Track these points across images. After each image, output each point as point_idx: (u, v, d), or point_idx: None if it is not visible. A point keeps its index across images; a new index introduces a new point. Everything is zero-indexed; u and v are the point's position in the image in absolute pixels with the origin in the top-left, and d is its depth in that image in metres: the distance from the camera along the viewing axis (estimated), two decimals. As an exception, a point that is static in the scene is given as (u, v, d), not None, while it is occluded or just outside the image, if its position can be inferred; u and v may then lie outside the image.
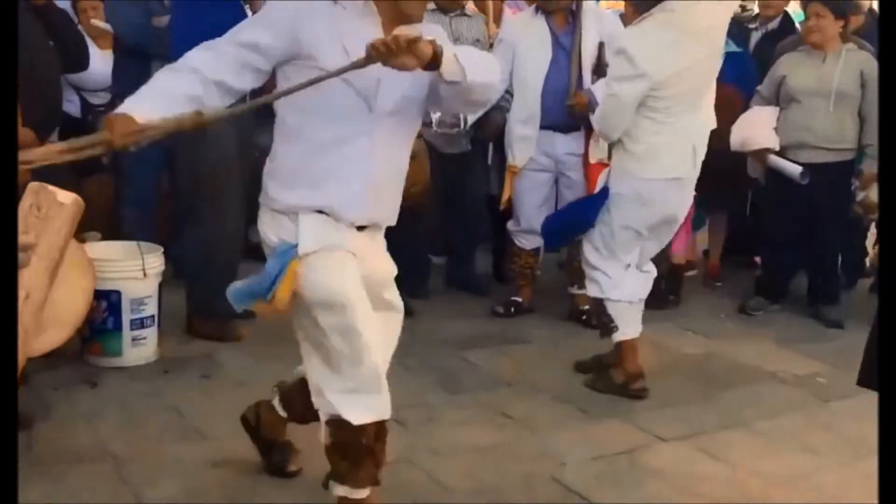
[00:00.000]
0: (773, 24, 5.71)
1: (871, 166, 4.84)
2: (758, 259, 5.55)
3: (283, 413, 2.96)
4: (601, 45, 4.55)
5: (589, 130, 4.55)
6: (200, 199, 4.23)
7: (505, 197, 4.71)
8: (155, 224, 4.76)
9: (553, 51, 4.54)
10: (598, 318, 3.99)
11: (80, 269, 3.54)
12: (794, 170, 4.76)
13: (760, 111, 4.97)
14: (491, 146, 5.10)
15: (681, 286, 5.15)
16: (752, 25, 5.92)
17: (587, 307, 4.73)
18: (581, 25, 4.53)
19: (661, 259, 4.37)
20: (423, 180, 4.09)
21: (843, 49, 4.82)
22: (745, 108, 5.02)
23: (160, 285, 4.10)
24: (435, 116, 4.55)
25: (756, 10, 6.29)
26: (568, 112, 4.52)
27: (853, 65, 4.79)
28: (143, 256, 3.98)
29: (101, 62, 4.91)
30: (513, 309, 4.83)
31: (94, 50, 4.97)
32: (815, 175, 4.73)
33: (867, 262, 5.85)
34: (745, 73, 5.18)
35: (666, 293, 4.98)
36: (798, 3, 5.75)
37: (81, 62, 4.36)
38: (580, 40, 4.53)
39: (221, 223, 4.24)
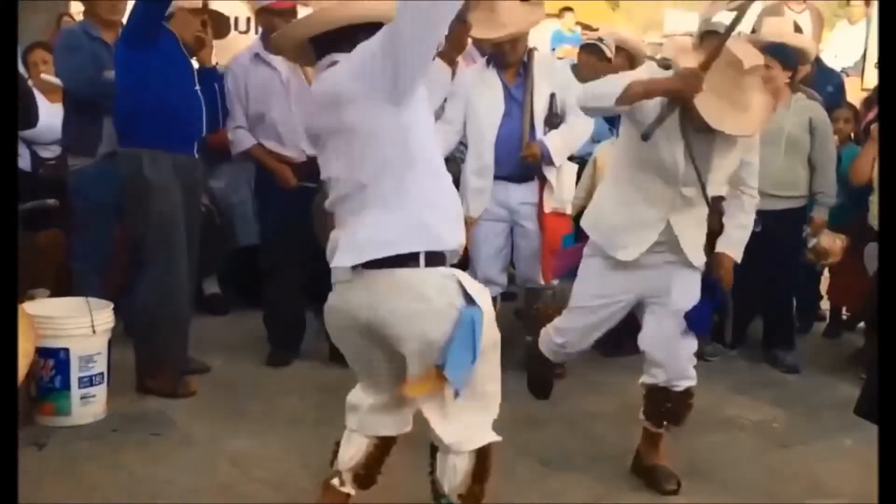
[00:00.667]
0: None
1: (821, 213, 4.95)
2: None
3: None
4: (552, 96, 4.59)
5: (542, 180, 4.58)
6: (149, 252, 4.18)
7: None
8: (105, 279, 4.69)
9: (505, 103, 4.57)
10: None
11: (20, 332, 3.49)
12: None
13: (713, 160, 5.03)
14: None
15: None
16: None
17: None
18: (533, 77, 4.57)
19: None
20: None
21: (793, 99, 4.93)
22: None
23: (109, 341, 4.02)
24: None
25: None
26: (521, 162, 4.54)
27: (802, 113, 4.90)
28: (91, 313, 3.90)
29: (50, 116, 4.87)
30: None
31: (43, 103, 4.95)
32: (768, 221, 4.77)
33: (820, 306, 5.93)
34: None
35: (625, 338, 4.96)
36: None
37: (30, 119, 4.31)
38: (532, 91, 4.57)
39: (171, 276, 4.19)
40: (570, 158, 4.75)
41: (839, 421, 4.11)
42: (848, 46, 7.84)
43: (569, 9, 12.82)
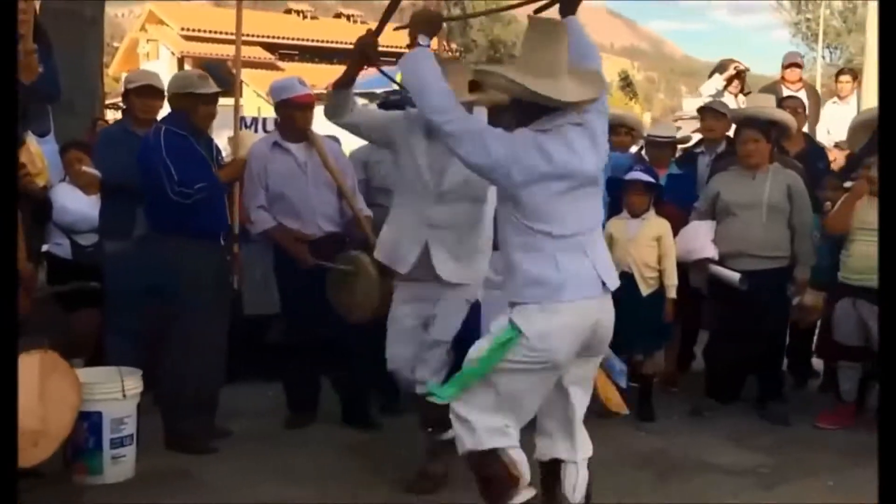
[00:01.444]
0: (721, 147, 6.10)
1: (803, 273, 5.24)
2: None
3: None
4: None
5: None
6: (181, 335, 4.57)
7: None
8: (139, 352, 5.04)
9: None
10: None
11: (69, 387, 3.92)
12: (734, 277, 5.14)
13: (699, 225, 5.40)
14: None
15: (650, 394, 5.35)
16: (697, 150, 6.40)
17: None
18: None
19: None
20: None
21: (770, 168, 5.29)
22: (685, 223, 5.44)
23: (139, 406, 4.37)
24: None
25: (694, 137, 6.79)
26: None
27: (780, 181, 5.26)
28: (122, 379, 4.26)
29: (88, 207, 5.34)
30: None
31: (80, 196, 5.44)
32: (754, 281, 5.09)
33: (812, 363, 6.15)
34: (684, 192, 5.64)
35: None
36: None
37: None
38: None
39: (203, 357, 4.59)
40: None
41: (823, 466, 4.39)
42: (839, 122, 8.19)
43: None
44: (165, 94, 4.94)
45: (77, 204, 5.45)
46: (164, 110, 4.96)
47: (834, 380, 5.72)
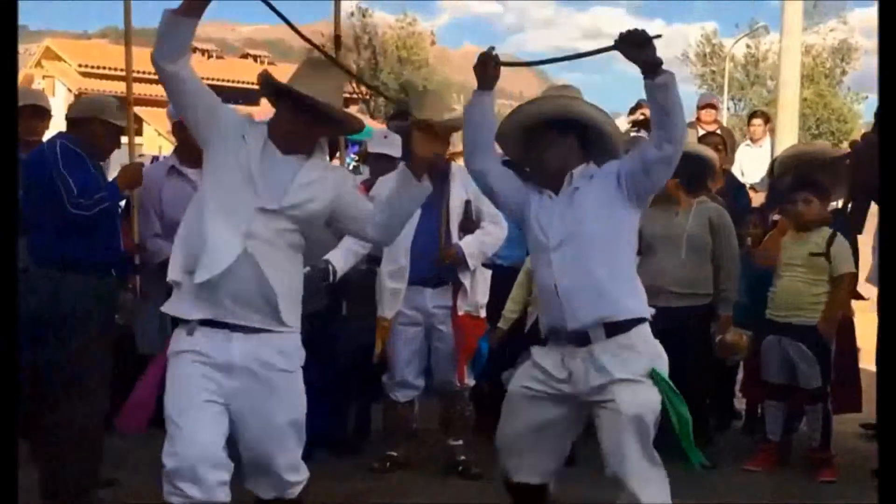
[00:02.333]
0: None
1: (726, 310, 5.08)
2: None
3: None
4: (468, 203, 4.72)
5: (456, 285, 4.67)
6: (63, 379, 4.10)
7: (378, 350, 4.71)
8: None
9: (422, 209, 4.65)
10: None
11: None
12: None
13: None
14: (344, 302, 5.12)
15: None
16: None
17: (463, 458, 4.73)
18: (450, 185, 4.71)
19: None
20: None
21: (694, 202, 5.13)
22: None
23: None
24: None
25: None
26: (435, 267, 4.63)
27: (702, 215, 5.09)
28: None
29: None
30: (388, 464, 4.75)
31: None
32: (670, 320, 4.85)
33: (735, 403, 6.02)
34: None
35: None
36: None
37: None
38: (448, 198, 4.70)
39: (86, 402, 4.13)
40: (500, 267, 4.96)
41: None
42: (752, 164, 8.23)
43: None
44: (52, 114, 4.54)
45: None
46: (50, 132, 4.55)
47: (756, 421, 5.59)
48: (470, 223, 4.74)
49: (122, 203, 4.69)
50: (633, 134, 6.48)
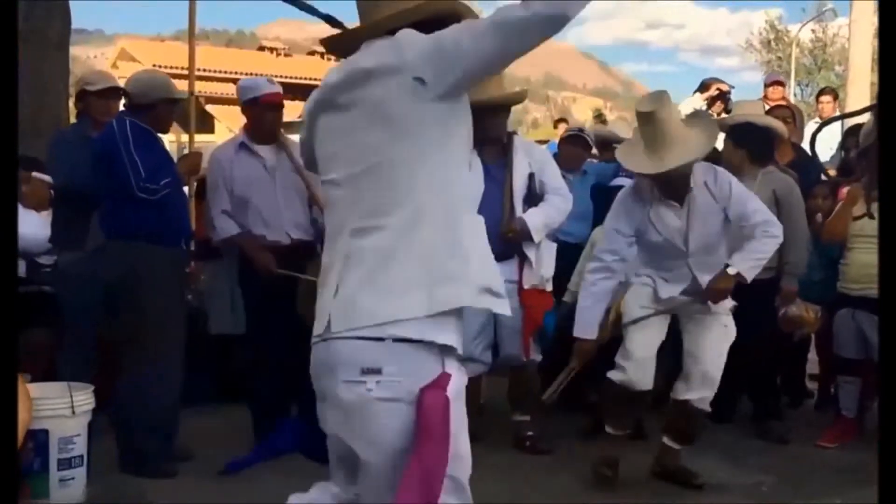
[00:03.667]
0: None
1: (790, 283, 4.95)
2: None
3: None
4: (531, 176, 4.71)
5: (522, 258, 4.66)
6: (139, 349, 4.23)
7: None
8: (91, 372, 4.69)
9: (486, 183, 4.67)
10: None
11: (19, 403, 3.53)
12: None
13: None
14: None
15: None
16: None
17: (530, 433, 4.72)
18: (512, 158, 4.70)
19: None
20: None
21: (760, 173, 5.02)
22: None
23: (90, 425, 4.01)
24: None
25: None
26: (502, 240, 4.62)
27: (767, 185, 4.94)
28: (71, 394, 3.91)
29: (39, 227, 4.92)
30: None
31: (32, 217, 4.97)
32: (738, 296, 4.78)
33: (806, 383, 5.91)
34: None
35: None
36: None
37: None
38: (512, 172, 4.69)
39: (162, 372, 4.24)
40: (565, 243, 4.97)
41: (825, 485, 4.13)
42: (821, 142, 8.02)
43: (563, 120, 13.35)
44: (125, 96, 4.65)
45: (27, 227, 5.06)
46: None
47: (829, 399, 5.48)
48: (534, 196, 4.72)
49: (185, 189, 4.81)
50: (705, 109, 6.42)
